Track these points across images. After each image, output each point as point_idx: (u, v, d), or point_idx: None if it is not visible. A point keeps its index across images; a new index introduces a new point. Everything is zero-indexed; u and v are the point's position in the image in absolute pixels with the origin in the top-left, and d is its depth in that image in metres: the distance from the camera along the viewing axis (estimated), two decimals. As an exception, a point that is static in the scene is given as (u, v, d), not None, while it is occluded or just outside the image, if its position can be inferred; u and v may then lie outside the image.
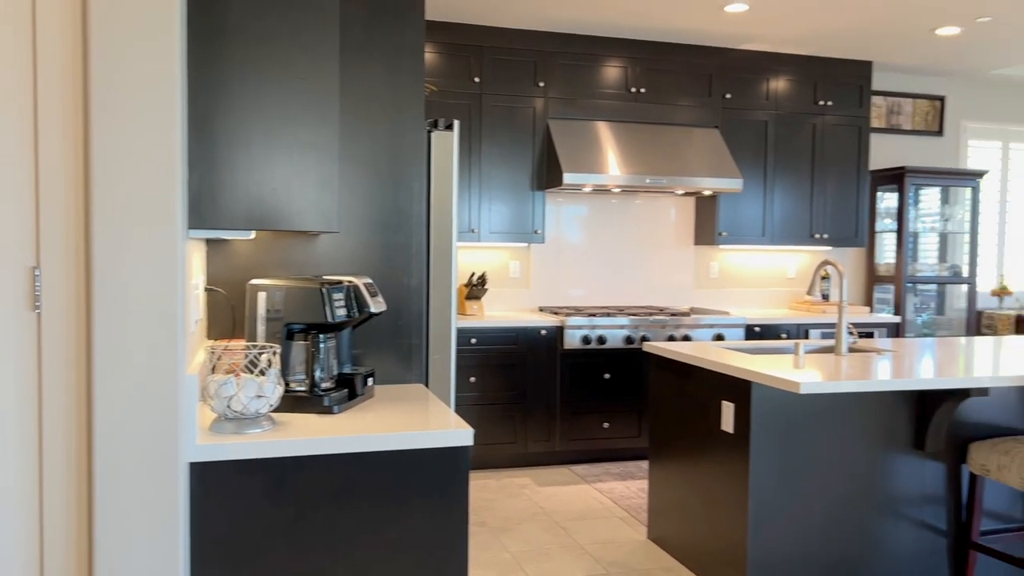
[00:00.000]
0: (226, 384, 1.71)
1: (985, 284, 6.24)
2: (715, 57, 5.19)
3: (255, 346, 1.89)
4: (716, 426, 3.03)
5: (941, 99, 6.06)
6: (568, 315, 4.76)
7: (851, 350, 3.48)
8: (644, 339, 4.81)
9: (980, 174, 5.74)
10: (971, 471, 3.01)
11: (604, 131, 4.97)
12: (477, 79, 4.80)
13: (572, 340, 4.71)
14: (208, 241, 2.24)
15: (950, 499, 3.07)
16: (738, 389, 2.89)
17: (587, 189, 4.91)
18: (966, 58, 5.44)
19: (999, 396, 3.10)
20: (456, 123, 2.58)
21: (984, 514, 3.12)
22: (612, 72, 5.04)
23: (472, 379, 4.57)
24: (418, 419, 1.87)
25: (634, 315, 4.83)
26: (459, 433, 1.74)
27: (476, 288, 4.85)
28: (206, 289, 2.18)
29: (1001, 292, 6.07)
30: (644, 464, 4.82)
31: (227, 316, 2.24)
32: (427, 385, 2.60)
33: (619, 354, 4.81)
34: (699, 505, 3.15)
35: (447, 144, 2.60)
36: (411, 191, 2.36)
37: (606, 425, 4.80)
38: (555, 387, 4.72)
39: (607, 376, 4.79)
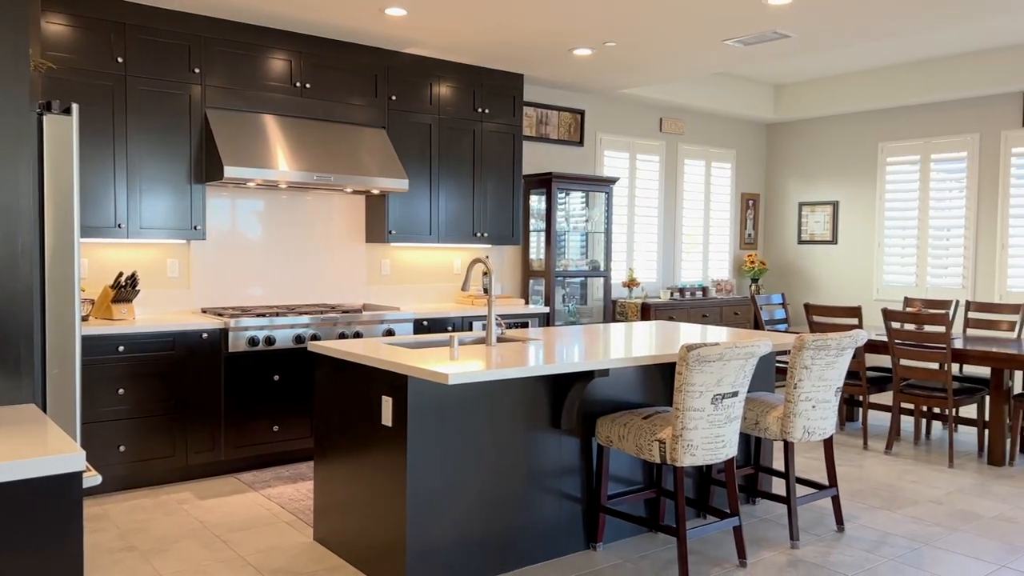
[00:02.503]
0: None
1: (618, 276, 7.16)
2: (381, 58, 5.28)
3: None
4: (377, 421, 3.08)
5: (581, 112, 6.81)
6: (233, 316, 4.52)
7: (500, 340, 3.76)
8: (315, 338, 4.74)
9: (613, 180, 6.56)
10: (598, 443, 3.43)
11: (270, 125, 4.80)
12: (120, 59, 4.34)
13: (238, 342, 4.49)
14: None
15: (583, 469, 3.46)
16: (396, 384, 2.97)
17: (252, 184, 4.70)
18: (599, 77, 6.18)
19: (618, 375, 3.57)
20: (75, 107, 2.30)
21: (611, 479, 3.57)
22: (277, 65, 4.88)
23: (120, 391, 4.14)
24: (16, 446, 1.64)
25: (305, 314, 4.74)
26: (64, 459, 1.55)
27: (125, 290, 4.39)
28: None
29: (631, 283, 7.00)
30: (316, 465, 4.76)
31: None
32: (45, 404, 2.29)
33: (289, 354, 4.69)
34: (362, 501, 3.19)
35: (65, 130, 2.31)
36: (16, 183, 2.06)
37: (276, 428, 4.65)
38: (219, 393, 4.45)
39: (277, 378, 4.65)
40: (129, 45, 4.37)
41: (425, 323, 5.24)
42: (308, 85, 4.98)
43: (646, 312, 6.77)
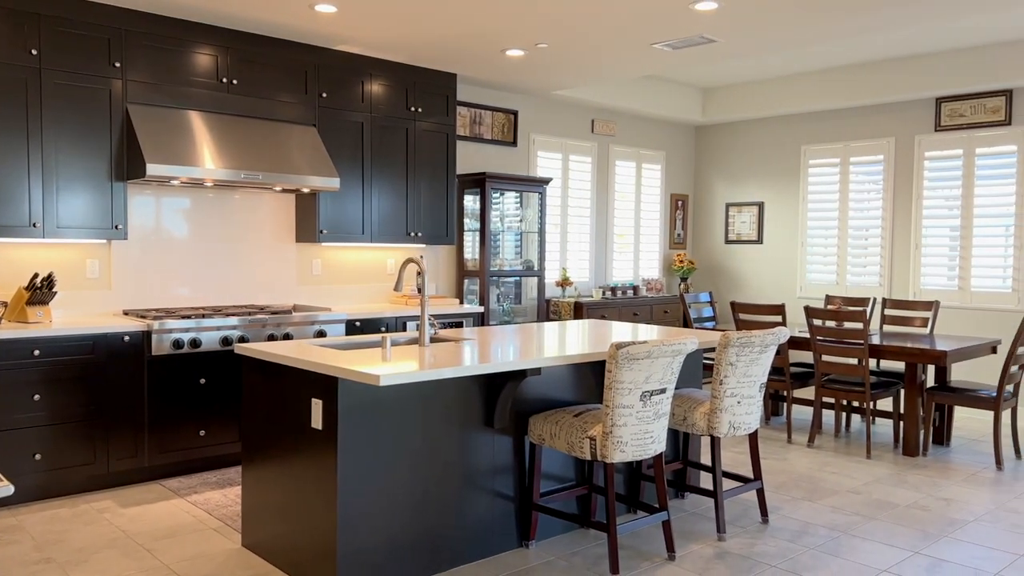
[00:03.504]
0: None
1: (552, 276, 7.22)
2: (311, 55, 5.19)
3: None
4: (307, 424, 3.04)
5: (515, 113, 6.84)
6: (157, 318, 4.39)
7: (434, 340, 3.76)
8: (243, 340, 4.64)
9: (546, 181, 6.61)
10: (531, 441, 3.45)
11: (195, 121, 4.67)
12: (35, 51, 4.16)
13: (162, 345, 4.36)
14: None
15: (516, 468, 3.48)
16: (326, 386, 2.93)
17: (176, 182, 4.57)
18: (532, 78, 6.22)
19: (550, 374, 3.60)
20: (-17, 102, 2.20)
21: (543, 477, 3.60)
22: (202, 60, 4.75)
23: (36, 396, 3.98)
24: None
25: (233, 315, 4.63)
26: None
27: (41, 291, 4.22)
28: None
29: (564, 283, 7.07)
30: (246, 469, 4.66)
31: None
32: (-49, 411, 2.18)
33: (216, 357, 4.58)
34: (291, 505, 3.14)
35: (-28, 125, 2.21)
36: (-82, 180, 1.96)
37: (203, 433, 4.54)
38: (142, 397, 4.32)
39: (203, 381, 4.53)
40: (44, 36, 4.20)
41: (358, 324, 5.18)
42: (235, 81, 4.87)
43: (579, 311, 6.84)
